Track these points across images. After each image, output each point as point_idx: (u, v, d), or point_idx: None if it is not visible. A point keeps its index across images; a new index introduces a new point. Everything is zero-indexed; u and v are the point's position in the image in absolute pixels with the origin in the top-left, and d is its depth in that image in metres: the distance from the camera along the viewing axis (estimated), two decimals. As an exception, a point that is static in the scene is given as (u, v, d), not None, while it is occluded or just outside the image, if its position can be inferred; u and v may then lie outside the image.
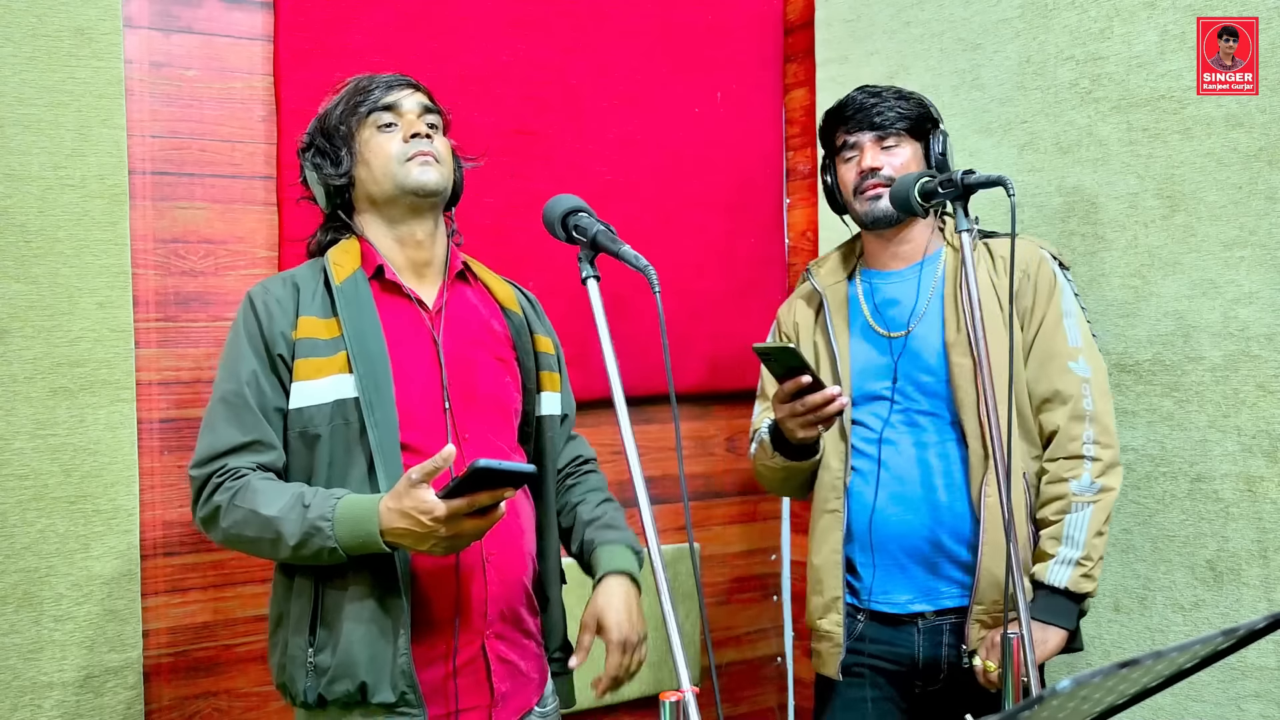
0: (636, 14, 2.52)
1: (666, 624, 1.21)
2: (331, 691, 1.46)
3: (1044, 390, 1.74)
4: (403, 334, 1.53)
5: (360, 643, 1.45)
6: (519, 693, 1.58)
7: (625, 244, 1.38)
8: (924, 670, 1.80)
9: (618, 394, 1.33)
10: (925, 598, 1.79)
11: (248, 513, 1.42)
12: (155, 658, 2.03)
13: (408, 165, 1.54)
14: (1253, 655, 1.77)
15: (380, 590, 1.46)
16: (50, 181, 1.89)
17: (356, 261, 1.55)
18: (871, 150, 1.80)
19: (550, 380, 1.69)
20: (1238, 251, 1.78)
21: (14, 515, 1.86)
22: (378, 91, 1.57)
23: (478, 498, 1.30)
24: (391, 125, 1.56)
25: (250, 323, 1.50)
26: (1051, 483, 1.73)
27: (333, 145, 1.57)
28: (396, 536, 1.36)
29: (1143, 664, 0.73)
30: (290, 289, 1.53)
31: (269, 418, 1.48)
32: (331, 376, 1.47)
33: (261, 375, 1.48)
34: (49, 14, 1.89)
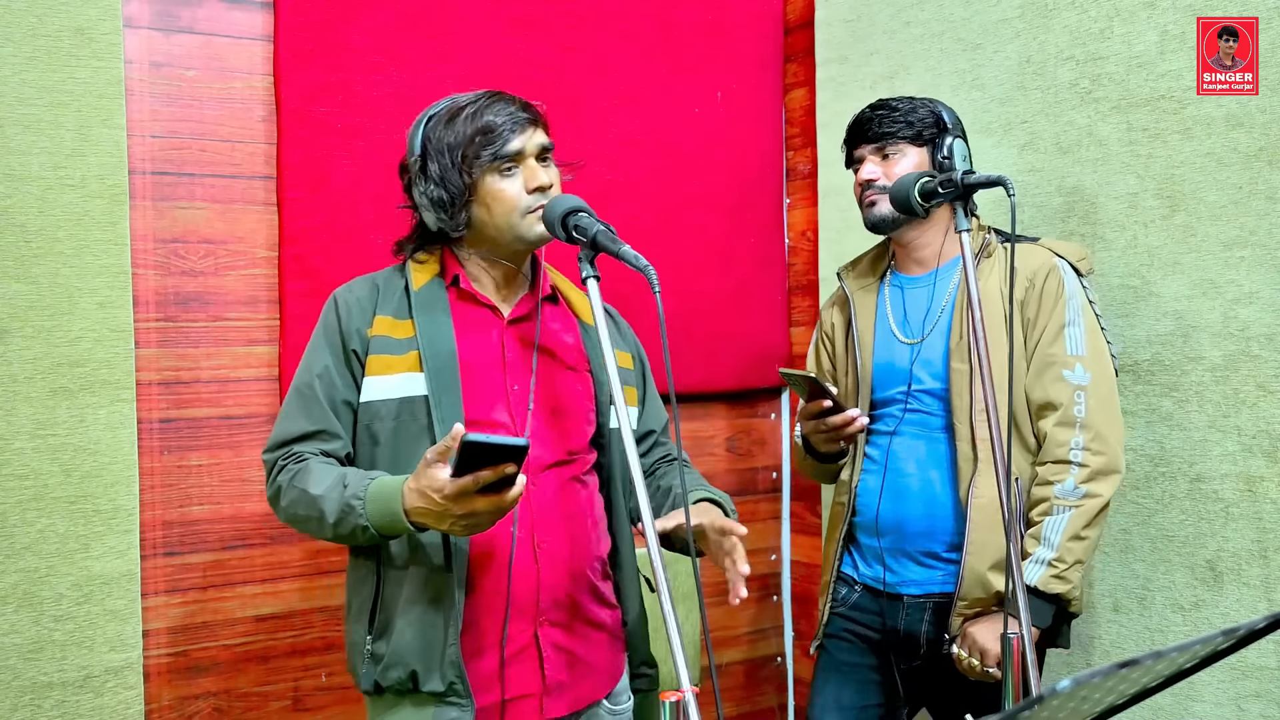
0: (636, 14, 2.52)
1: (666, 624, 1.21)
2: (386, 679, 1.51)
3: (1039, 398, 1.78)
4: (474, 339, 1.57)
5: (412, 632, 1.50)
6: (580, 683, 1.58)
7: (625, 244, 1.38)
8: (904, 641, 1.88)
9: (618, 394, 1.33)
10: (913, 582, 1.88)
11: (300, 492, 1.49)
12: (155, 658, 2.03)
13: (529, 218, 1.54)
14: (1253, 655, 1.77)
15: (434, 580, 1.50)
16: (50, 181, 1.89)
17: (436, 269, 1.61)
18: (870, 162, 1.88)
19: (626, 394, 1.69)
20: (1238, 251, 1.78)
21: (14, 515, 1.86)
22: (502, 135, 1.54)
23: (480, 474, 1.31)
24: (512, 169, 1.55)
25: (330, 319, 1.58)
26: (1039, 485, 1.77)
27: (448, 184, 1.55)
28: (419, 515, 1.39)
29: (1143, 664, 0.73)
30: (371, 289, 1.60)
31: (337, 410, 1.55)
32: (402, 374, 1.53)
33: (334, 369, 1.55)
34: (49, 14, 1.89)
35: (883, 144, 1.86)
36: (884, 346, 1.94)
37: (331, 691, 2.20)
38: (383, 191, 2.20)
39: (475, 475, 1.31)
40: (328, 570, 2.19)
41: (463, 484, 1.32)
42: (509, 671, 1.53)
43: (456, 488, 1.32)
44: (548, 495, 1.56)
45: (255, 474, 2.12)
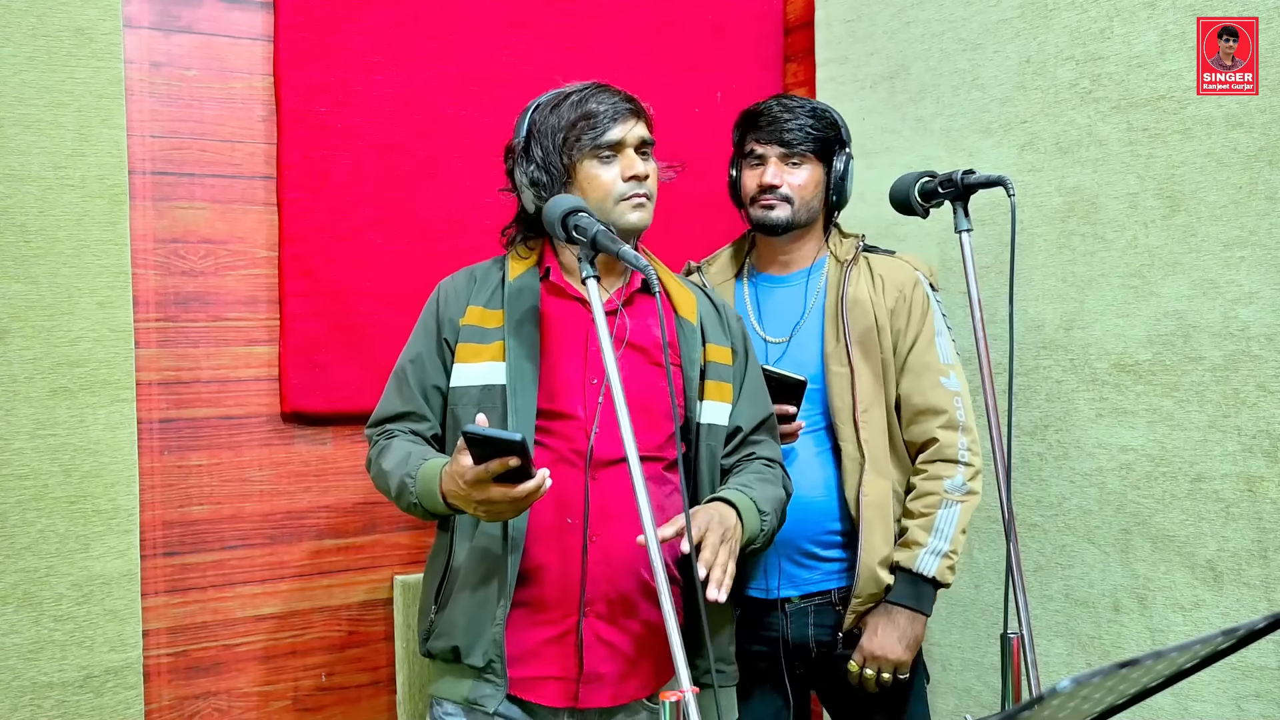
0: (636, 14, 2.51)
1: (666, 624, 1.21)
2: (435, 647, 1.61)
3: (919, 403, 1.86)
4: (561, 331, 1.62)
5: (463, 608, 1.58)
6: (624, 679, 1.60)
7: (625, 244, 1.38)
8: (794, 651, 1.88)
9: (618, 394, 1.33)
10: (790, 584, 1.87)
11: (379, 467, 1.61)
12: (155, 658, 2.03)
13: (622, 205, 1.59)
14: (1253, 655, 1.77)
15: (489, 560, 1.57)
16: (50, 181, 1.89)
17: (533, 260, 1.66)
18: (775, 166, 1.88)
19: (718, 390, 1.69)
20: (1238, 251, 1.78)
21: (14, 515, 1.86)
22: (603, 123, 1.59)
23: (490, 465, 1.36)
24: (611, 157, 1.60)
25: (431, 307, 1.68)
26: (927, 480, 1.84)
27: (549, 166, 1.60)
28: (452, 498, 1.46)
29: (1143, 664, 0.73)
30: (468, 280, 1.68)
31: (426, 394, 1.65)
32: (486, 362, 1.60)
33: (426, 356, 1.65)
34: (49, 14, 1.89)
35: (790, 150, 1.87)
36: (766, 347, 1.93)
37: (331, 691, 2.20)
38: (383, 191, 2.21)
39: (486, 466, 1.37)
40: (328, 570, 2.19)
41: (477, 472, 1.38)
42: (545, 651, 1.57)
43: (474, 475, 1.38)
44: (608, 489, 1.58)
45: (255, 474, 2.12)
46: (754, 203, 1.91)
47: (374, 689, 2.23)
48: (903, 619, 1.80)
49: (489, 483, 1.39)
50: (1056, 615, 2.07)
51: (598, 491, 1.58)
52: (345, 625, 2.21)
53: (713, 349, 1.71)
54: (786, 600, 1.88)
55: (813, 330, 1.90)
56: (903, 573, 1.81)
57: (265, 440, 2.13)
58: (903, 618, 1.80)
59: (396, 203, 2.20)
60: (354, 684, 2.22)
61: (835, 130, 1.90)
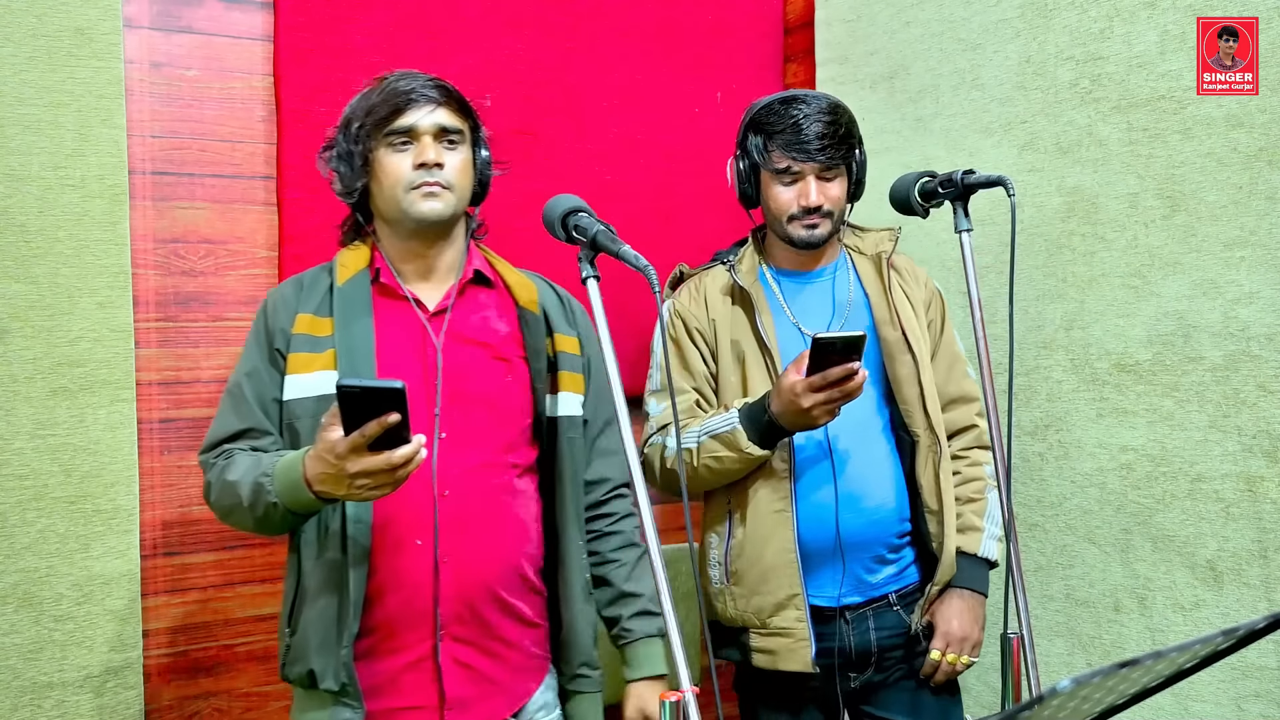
0: (636, 14, 2.52)
1: (666, 624, 1.21)
2: (291, 673, 1.54)
3: (953, 391, 1.91)
4: (393, 335, 1.56)
5: (314, 631, 1.51)
6: (485, 700, 1.57)
7: (625, 244, 1.38)
8: (856, 661, 1.84)
9: (618, 394, 1.33)
10: (856, 590, 1.83)
11: (224, 482, 1.49)
12: (155, 658, 2.03)
13: (413, 194, 1.54)
14: (1253, 655, 1.77)
15: (337, 580, 1.51)
16: (50, 181, 1.89)
17: (363, 263, 1.60)
18: (816, 185, 1.80)
19: (571, 381, 1.67)
20: (1238, 251, 1.78)
21: (14, 515, 1.86)
22: (397, 108, 1.54)
23: (366, 428, 1.29)
24: (406, 144, 1.55)
25: (259, 319, 1.60)
26: (971, 465, 1.89)
27: (349, 154, 1.58)
28: (319, 482, 1.37)
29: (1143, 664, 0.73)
30: (296, 287, 1.61)
31: (266, 408, 1.56)
32: (319, 372, 1.53)
33: (261, 368, 1.56)
34: (49, 14, 1.89)
35: (830, 168, 1.81)
36: (788, 342, 1.86)
37: (331, 691, 2.20)
38: (383, 191, 2.21)
39: (361, 430, 1.29)
40: (328, 570, 2.19)
41: (352, 439, 1.30)
42: (404, 680, 1.52)
43: (348, 445, 1.30)
44: (461, 506, 1.54)
45: (255, 474, 2.12)
46: (793, 221, 1.83)
47: (374, 689, 2.23)
48: (974, 602, 1.83)
49: (364, 451, 1.31)
50: (1056, 615, 2.07)
51: (447, 508, 1.53)
52: (345, 625, 2.21)
53: (561, 339, 1.67)
54: (848, 608, 1.83)
55: (859, 323, 1.86)
56: (967, 557, 1.83)
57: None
58: (974, 600, 1.83)
59: (396, 203, 2.20)
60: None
61: (852, 126, 1.85)
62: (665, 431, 1.88)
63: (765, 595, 1.82)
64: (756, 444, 1.74)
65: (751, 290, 1.87)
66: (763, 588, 1.82)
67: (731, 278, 1.90)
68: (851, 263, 1.93)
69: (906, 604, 1.86)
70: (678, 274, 2.02)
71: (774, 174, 1.83)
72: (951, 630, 1.81)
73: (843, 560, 1.81)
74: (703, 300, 1.92)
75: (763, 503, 1.82)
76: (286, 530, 1.53)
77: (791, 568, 1.80)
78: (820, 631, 1.81)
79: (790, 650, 1.80)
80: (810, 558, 1.81)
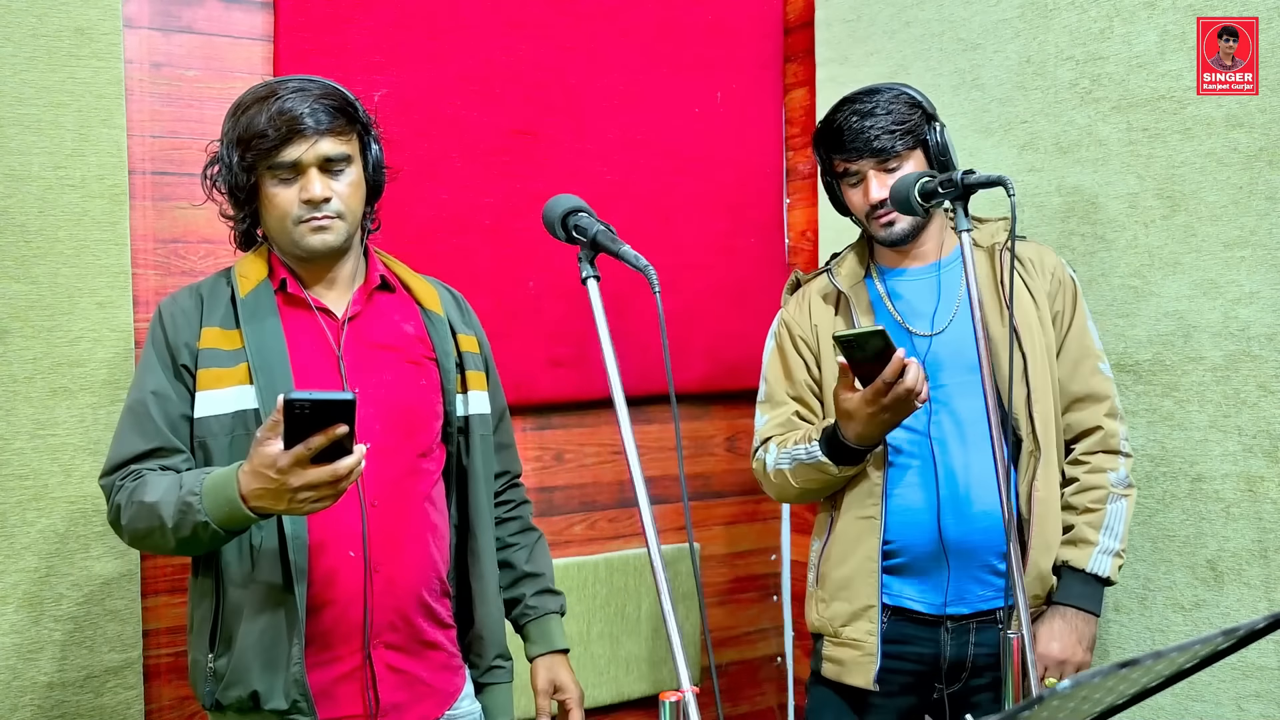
0: (636, 14, 2.52)
1: (666, 624, 1.21)
2: (227, 697, 1.49)
3: (1078, 389, 1.77)
4: (305, 345, 1.54)
5: (253, 650, 1.47)
6: (418, 703, 1.57)
7: (625, 244, 1.38)
8: (949, 671, 1.77)
9: (618, 394, 1.33)
10: (960, 601, 1.76)
11: (138, 505, 1.43)
12: (155, 658, 2.03)
13: (301, 228, 1.51)
14: (1253, 655, 1.76)
15: (274, 597, 1.48)
16: (50, 181, 1.89)
17: (263, 273, 1.57)
18: (876, 179, 1.75)
19: (476, 379, 1.69)
20: (1238, 251, 1.78)
21: (14, 515, 1.86)
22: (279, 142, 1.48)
23: (312, 441, 1.27)
24: (291, 178, 1.51)
25: (157, 333, 1.53)
26: (1092, 473, 1.75)
27: (235, 181, 1.53)
28: (257, 498, 1.34)
29: (1143, 664, 0.73)
30: (195, 300, 1.55)
31: (174, 426, 1.50)
32: (233, 387, 1.49)
33: (168, 385, 1.50)
34: (49, 14, 1.89)
35: (885, 157, 1.74)
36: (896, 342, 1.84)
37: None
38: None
39: (307, 443, 1.27)
40: (328, 570, 2.19)
41: (296, 453, 1.27)
42: (339, 690, 1.51)
43: (291, 458, 1.27)
44: (388, 515, 1.54)
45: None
46: (870, 220, 1.79)
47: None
48: (1079, 621, 1.71)
49: (308, 464, 1.28)
50: (1056, 615, 2.07)
51: (376, 519, 1.52)
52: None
53: (463, 339, 1.69)
54: (950, 617, 1.75)
55: (967, 321, 1.76)
56: (1074, 573, 1.71)
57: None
58: (1079, 619, 1.71)
59: (396, 203, 2.20)
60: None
61: (918, 109, 1.76)
62: (765, 447, 1.87)
63: (843, 602, 1.80)
64: (839, 464, 1.72)
65: (850, 293, 1.85)
66: (842, 594, 1.80)
67: (832, 283, 1.88)
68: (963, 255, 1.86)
69: None
70: (794, 280, 1.98)
71: (844, 181, 1.82)
72: (1051, 652, 1.70)
73: (948, 566, 1.74)
74: (806, 307, 1.90)
75: (854, 508, 1.80)
76: (211, 550, 1.47)
77: (872, 577, 1.76)
78: (903, 634, 1.77)
79: (856, 663, 1.78)
80: (911, 562, 1.76)
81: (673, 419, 2.51)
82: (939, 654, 1.76)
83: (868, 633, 1.77)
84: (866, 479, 1.79)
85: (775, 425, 1.88)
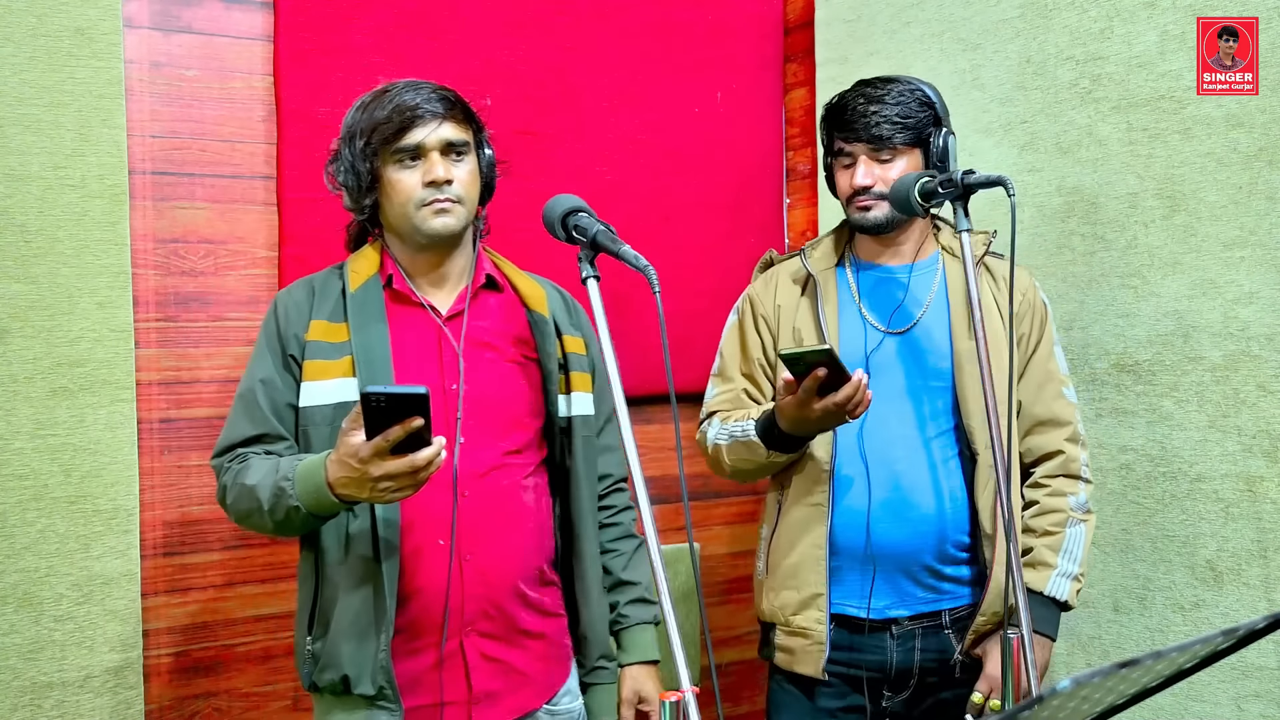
0: (636, 14, 2.52)
1: (666, 624, 1.21)
2: (322, 680, 1.54)
3: (1041, 413, 1.77)
4: (410, 340, 1.58)
5: (345, 636, 1.52)
6: (514, 692, 1.59)
7: (625, 244, 1.38)
8: (895, 678, 1.77)
9: (618, 394, 1.33)
10: (902, 604, 1.75)
11: (240, 487, 1.50)
12: (155, 658, 2.03)
13: (424, 211, 1.55)
14: (1253, 655, 1.77)
15: (366, 585, 1.52)
16: (50, 181, 1.89)
17: (373, 268, 1.61)
18: (865, 165, 1.74)
19: (581, 381, 1.69)
20: (1238, 251, 1.78)
21: (14, 515, 1.86)
22: (403, 126, 1.53)
23: (390, 433, 1.31)
24: (414, 161, 1.55)
25: (270, 324, 1.59)
26: (1051, 496, 1.75)
27: (356, 171, 1.57)
28: (342, 486, 1.39)
29: (1143, 664, 0.73)
30: (307, 293, 1.60)
31: (280, 413, 1.56)
32: (336, 379, 1.54)
33: (276, 374, 1.56)
34: (49, 14, 1.89)
35: (879, 146, 1.72)
36: (850, 334, 1.80)
37: (331, 691, 2.20)
38: (383, 191, 2.21)
39: (385, 434, 1.31)
40: (328, 570, 2.19)
41: (375, 444, 1.32)
42: (433, 677, 1.54)
43: (371, 449, 1.33)
44: (478, 506, 1.56)
45: (255, 474, 2.12)
46: (850, 204, 1.78)
47: (374, 689, 2.23)
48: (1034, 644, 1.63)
49: (388, 454, 1.34)
50: (1056, 615, 2.07)
51: (467, 509, 1.55)
52: (345, 625, 2.21)
53: (568, 340, 1.70)
54: (894, 622, 1.74)
55: (935, 326, 1.77)
56: (1031, 595, 1.68)
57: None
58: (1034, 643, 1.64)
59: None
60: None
61: (928, 109, 1.74)
62: (710, 421, 1.88)
63: (791, 591, 1.79)
64: (772, 448, 1.72)
65: (819, 277, 1.83)
66: (789, 583, 1.79)
67: (803, 265, 1.86)
68: (943, 264, 1.83)
69: (959, 628, 1.75)
70: (767, 259, 1.96)
71: (837, 160, 1.81)
72: (996, 674, 1.70)
73: (874, 568, 1.74)
74: (773, 287, 1.88)
75: (803, 496, 1.79)
76: (306, 532, 1.54)
77: (819, 565, 1.75)
78: (854, 642, 1.75)
79: (805, 652, 1.77)
80: (841, 563, 1.76)
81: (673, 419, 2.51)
82: (885, 660, 1.76)
83: (816, 621, 1.75)
84: (816, 470, 1.77)
85: (723, 400, 1.89)
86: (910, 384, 1.77)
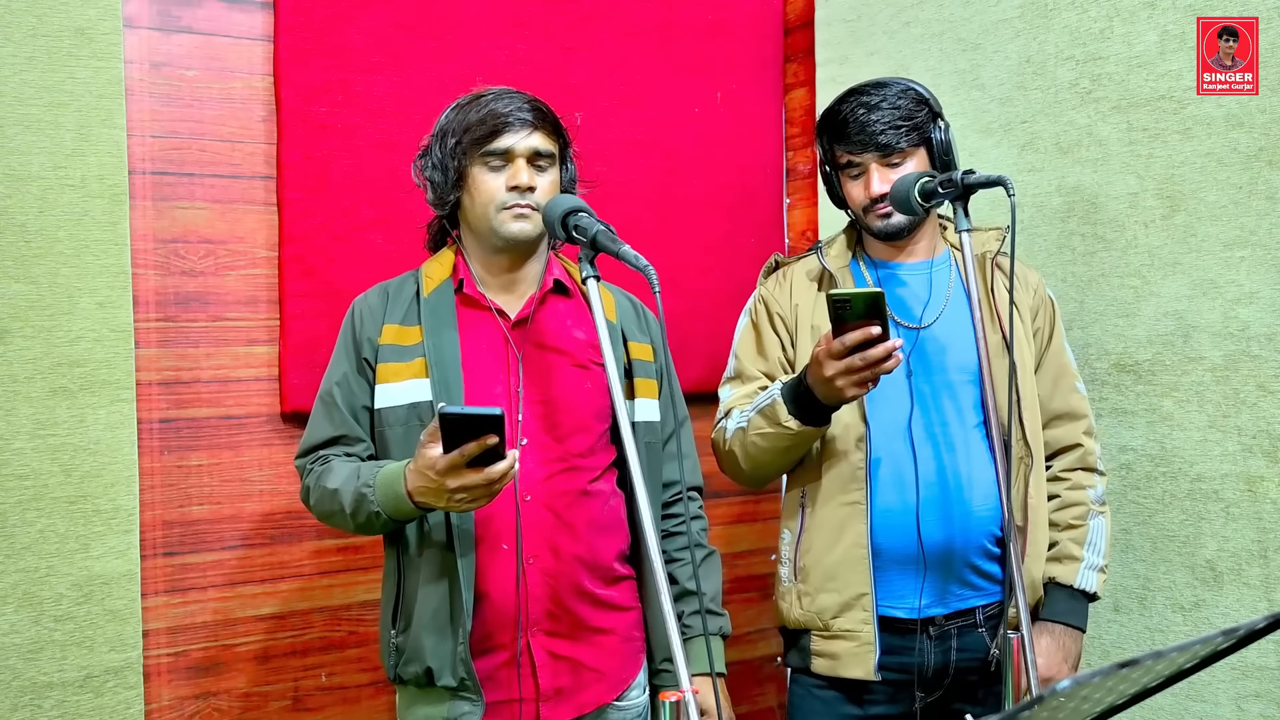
0: (636, 14, 2.52)
1: (667, 624, 1.21)
2: (406, 672, 1.60)
3: (1058, 407, 1.79)
4: (478, 343, 1.62)
5: (427, 630, 1.57)
6: (586, 688, 1.62)
7: (625, 244, 1.39)
8: (932, 679, 1.72)
9: (618, 394, 1.33)
10: (941, 602, 1.71)
11: (322, 489, 1.57)
12: (155, 658, 2.03)
13: (504, 214, 1.58)
14: (1253, 655, 1.77)
15: (445, 582, 1.57)
16: (50, 181, 1.89)
17: (447, 273, 1.65)
18: (878, 173, 1.72)
19: (646, 387, 1.70)
20: (1238, 251, 1.78)
21: (14, 515, 1.86)
22: (495, 130, 1.58)
23: (466, 448, 1.37)
24: (501, 165, 1.59)
25: (347, 327, 1.66)
26: (1072, 489, 1.77)
27: (444, 168, 1.61)
28: (420, 495, 1.45)
29: (1143, 664, 0.73)
30: (382, 297, 1.66)
31: (357, 415, 1.62)
32: (409, 381, 1.59)
33: (351, 377, 1.63)
34: (49, 14, 1.89)
35: (889, 153, 1.71)
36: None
37: (331, 692, 2.20)
38: (383, 192, 2.21)
39: (461, 449, 1.37)
40: (328, 570, 2.19)
41: (452, 458, 1.38)
42: (502, 675, 1.58)
43: (447, 462, 1.38)
44: (542, 510, 1.58)
45: (255, 474, 2.12)
46: (868, 214, 1.76)
47: (374, 689, 2.23)
48: (1066, 638, 1.69)
49: (463, 468, 1.39)
50: (1056, 615, 2.07)
51: (530, 511, 1.57)
52: (345, 625, 2.21)
53: (635, 347, 1.71)
54: (931, 621, 1.71)
55: (957, 320, 1.75)
56: (1060, 589, 1.71)
57: (265, 440, 2.13)
58: (1066, 637, 1.69)
59: (396, 203, 2.20)
60: (354, 684, 2.22)
61: (924, 105, 1.74)
62: (729, 415, 1.81)
63: (831, 594, 1.72)
64: (796, 416, 1.63)
65: (838, 274, 1.81)
66: (829, 585, 1.72)
67: (820, 262, 1.84)
68: (955, 261, 1.82)
69: (992, 625, 1.72)
70: (773, 263, 1.94)
71: (844, 173, 1.79)
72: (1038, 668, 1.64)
73: (924, 567, 1.69)
74: (788, 286, 1.85)
75: (836, 494, 1.73)
76: (386, 532, 1.60)
77: (862, 564, 1.69)
78: (896, 644, 1.71)
79: (853, 655, 1.70)
80: (887, 563, 1.71)
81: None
82: (923, 661, 1.72)
83: (863, 621, 1.69)
84: (849, 466, 1.73)
85: (742, 397, 1.81)
86: (942, 380, 1.75)
